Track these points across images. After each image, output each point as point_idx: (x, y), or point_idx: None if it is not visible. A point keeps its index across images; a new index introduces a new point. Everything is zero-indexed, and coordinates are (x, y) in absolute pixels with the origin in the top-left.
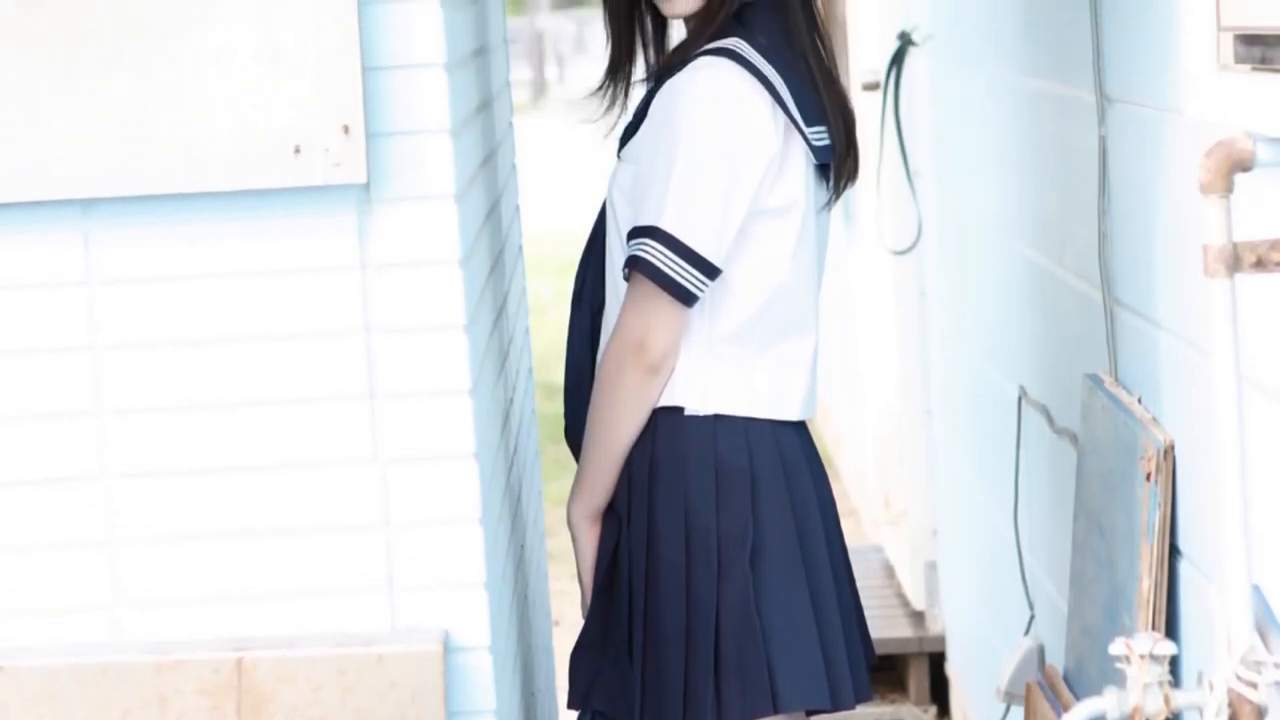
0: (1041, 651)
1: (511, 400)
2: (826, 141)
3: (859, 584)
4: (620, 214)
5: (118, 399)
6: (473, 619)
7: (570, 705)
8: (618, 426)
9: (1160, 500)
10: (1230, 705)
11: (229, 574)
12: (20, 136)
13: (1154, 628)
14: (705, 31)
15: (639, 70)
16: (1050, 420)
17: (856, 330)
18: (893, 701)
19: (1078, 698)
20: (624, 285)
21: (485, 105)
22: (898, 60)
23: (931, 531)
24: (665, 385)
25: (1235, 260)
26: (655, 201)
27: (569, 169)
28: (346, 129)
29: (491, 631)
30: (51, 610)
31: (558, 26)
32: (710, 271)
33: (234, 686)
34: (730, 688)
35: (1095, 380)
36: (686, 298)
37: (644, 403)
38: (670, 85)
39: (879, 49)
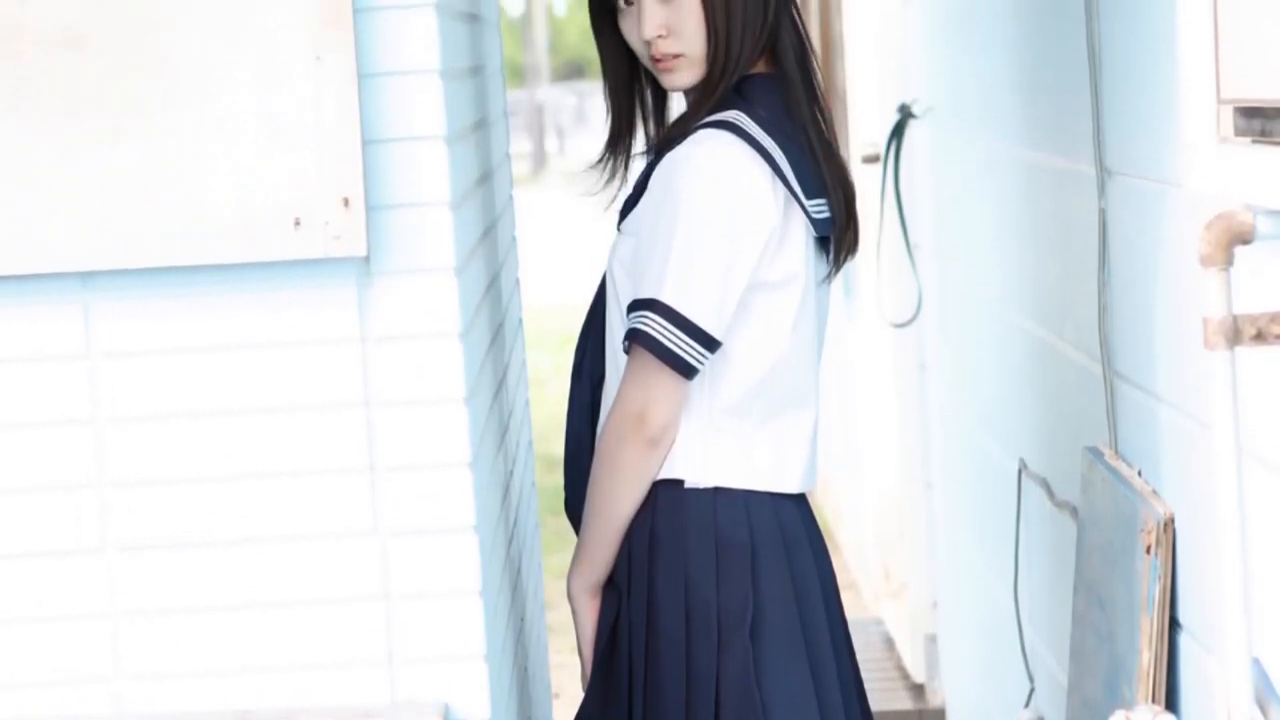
0: None
1: (511, 473)
2: (827, 214)
3: (859, 657)
4: (620, 287)
5: (118, 472)
6: (473, 692)
7: None
8: (618, 499)
9: (1160, 573)
10: None
11: (229, 646)
12: (20, 209)
13: (1154, 700)
14: (705, 104)
15: (639, 143)
16: (1050, 493)
17: (856, 403)
18: None
19: None
20: (624, 358)
21: (485, 178)
22: (898, 133)
23: (931, 604)
24: (665, 458)
25: (1235, 333)
26: (655, 274)
27: (569, 242)
28: (346, 202)
29: (491, 704)
30: (53, 683)
31: (558, 99)
32: (710, 344)
33: None
34: None
35: (1095, 453)
36: (687, 370)
37: (644, 475)
38: (670, 158)
39: (879, 121)
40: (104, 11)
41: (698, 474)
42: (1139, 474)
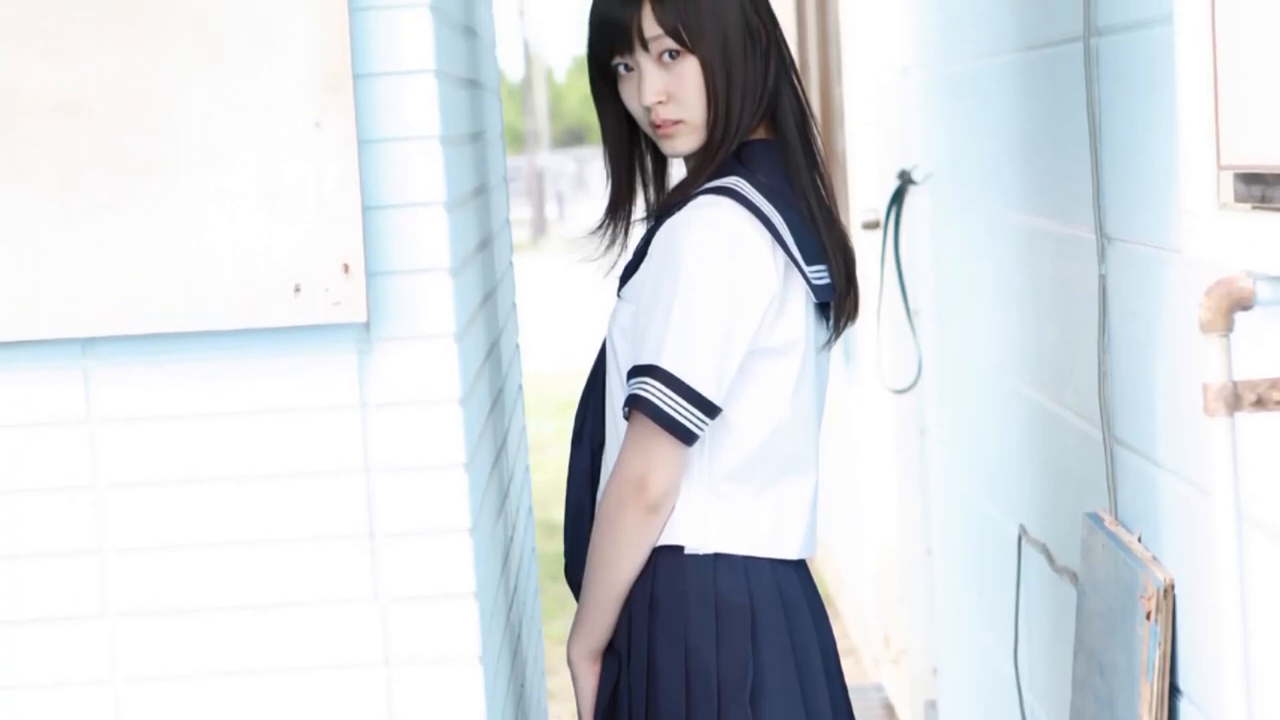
0: None
1: (511, 538)
2: (827, 280)
3: None
4: (620, 353)
5: (119, 537)
6: None
7: None
8: (618, 565)
9: (1160, 639)
10: None
11: (229, 713)
12: (21, 275)
13: None
14: (705, 170)
15: (639, 209)
16: (1050, 559)
17: (856, 469)
18: None
19: None
20: (624, 424)
21: (485, 244)
22: (898, 199)
23: (931, 670)
24: (665, 524)
25: (1235, 399)
26: (655, 340)
27: (569, 308)
28: (346, 268)
29: None
30: None
31: (558, 165)
32: (710, 410)
33: None
34: None
35: (1095, 519)
36: (687, 437)
37: (644, 541)
38: (670, 224)
39: (879, 187)
40: (103, 78)
41: (698, 540)
42: (1139, 540)
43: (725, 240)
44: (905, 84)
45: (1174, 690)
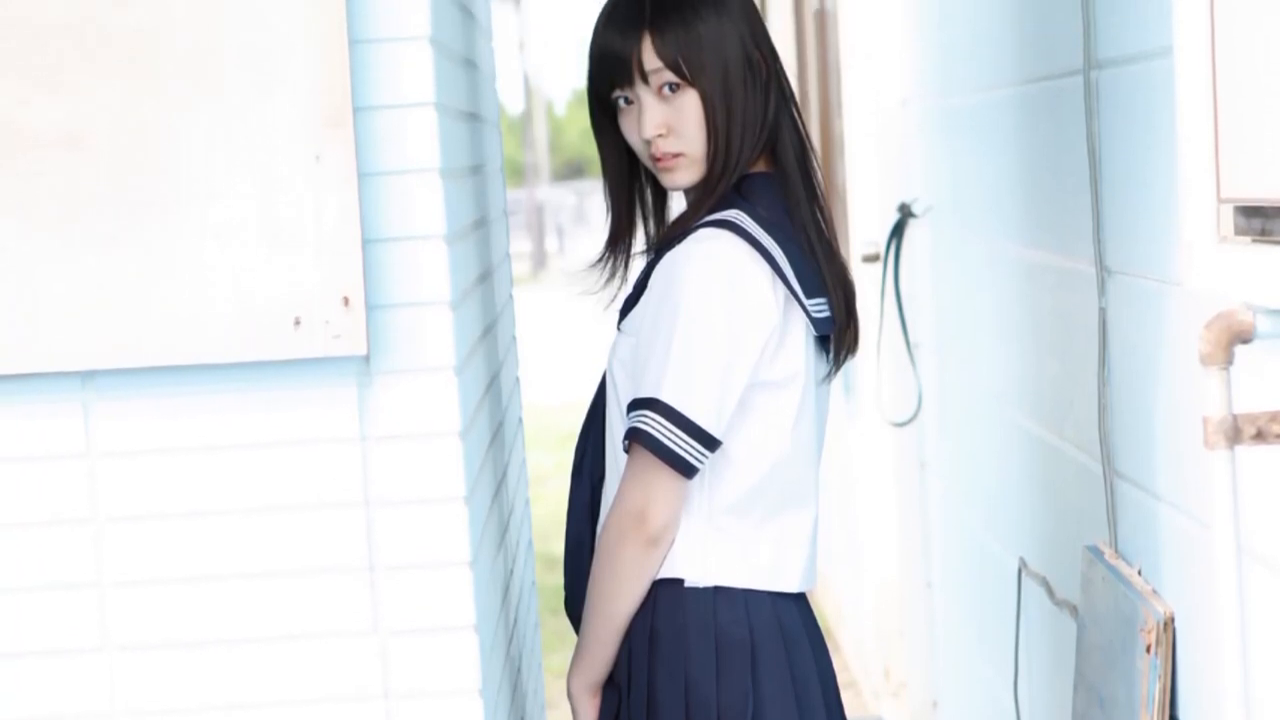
0: None
1: (511, 572)
2: (827, 313)
3: None
4: (620, 386)
5: (118, 571)
6: None
7: None
8: (618, 598)
9: (1160, 672)
10: None
11: None
12: (20, 309)
13: None
14: (705, 203)
15: (639, 242)
16: (1050, 592)
17: (856, 501)
18: None
19: None
20: (624, 457)
21: (485, 277)
22: (898, 232)
23: (932, 703)
24: (665, 557)
25: (1235, 432)
26: (655, 373)
27: (569, 341)
28: (346, 301)
29: None
30: None
31: (558, 198)
32: (710, 443)
33: None
34: None
35: (1095, 552)
36: (687, 470)
37: (644, 574)
38: (670, 257)
39: (879, 220)
40: (104, 113)
41: (698, 573)
42: (1139, 573)
43: (725, 273)
44: (905, 117)
45: None
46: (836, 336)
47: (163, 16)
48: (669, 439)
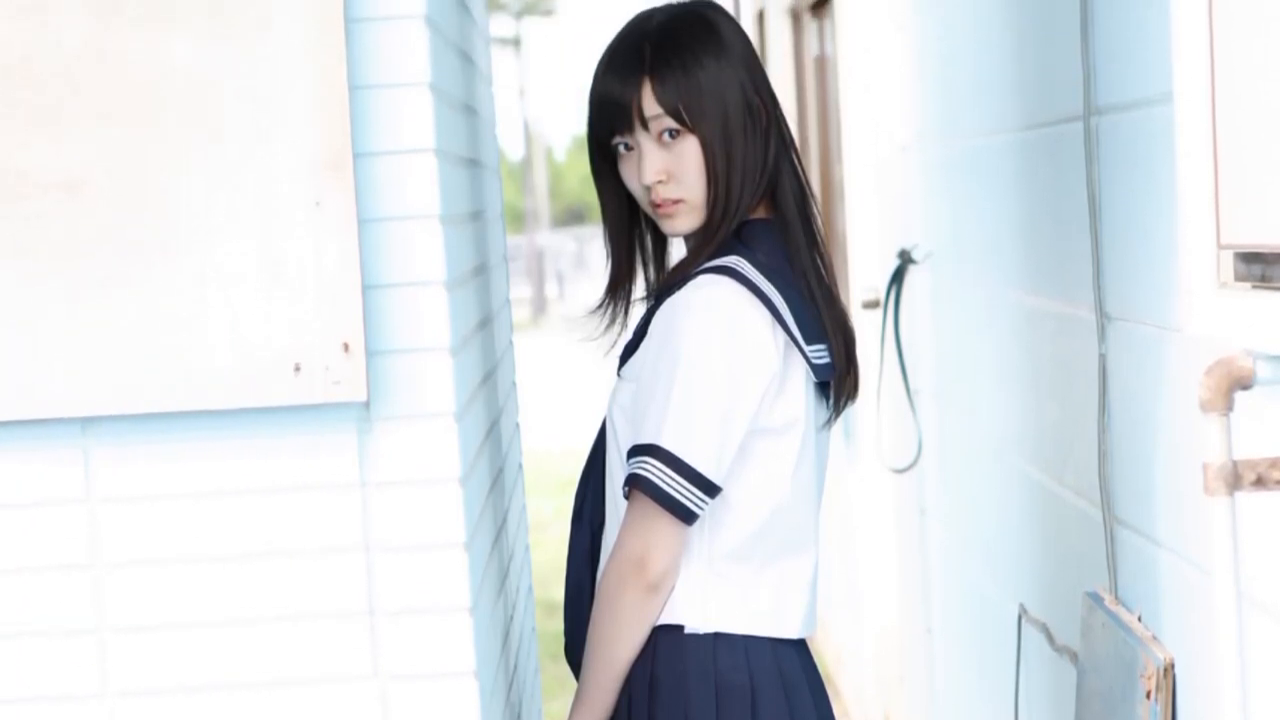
0: None
1: (511, 618)
2: (827, 360)
3: None
4: (620, 432)
5: (119, 617)
6: None
7: None
8: (618, 644)
9: (1160, 718)
10: None
11: None
12: (20, 354)
13: None
14: (705, 249)
15: (639, 288)
16: (1050, 638)
17: (856, 548)
18: None
19: None
20: (624, 503)
21: (485, 323)
22: (898, 278)
23: None
24: (665, 603)
25: (1235, 478)
26: (655, 419)
27: (569, 387)
28: (346, 347)
29: None
30: None
31: (558, 244)
32: (710, 490)
33: None
34: None
35: (1095, 598)
36: (687, 516)
37: (644, 621)
38: (670, 303)
39: (879, 266)
40: (104, 157)
41: (698, 619)
42: (1139, 619)
43: (725, 319)
44: (905, 163)
45: None
46: (836, 383)
47: (163, 62)
48: (669, 485)
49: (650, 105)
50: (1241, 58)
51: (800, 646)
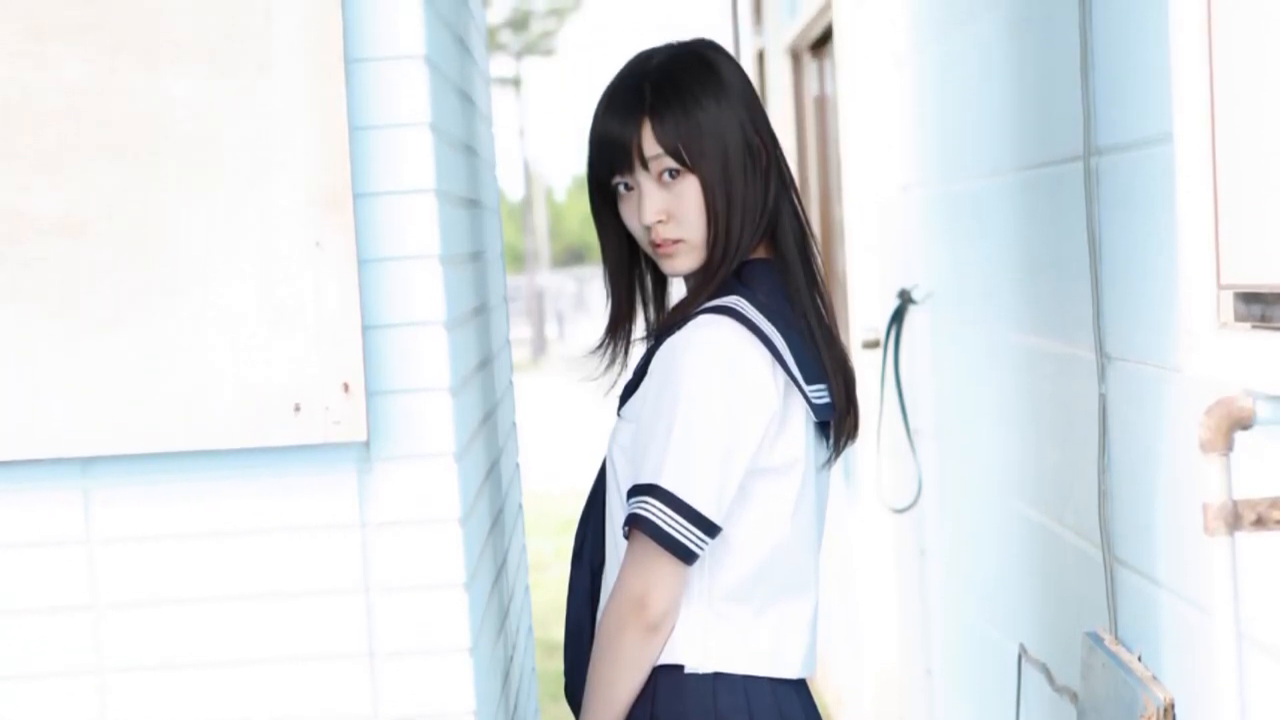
0: None
1: (511, 658)
2: (827, 400)
3: None
4: (620, 472)
5: (119, 658)
6: None
7: None
8: (617, 684)
9: None
10: None
11: None
12: (20, 394)
13: None
14: (705, 289)
15: (639, 328)
16: (1050, 678)
17: (856, 588)
18: None
19: None
20: (624, 543)
21: (485, 363)
22: (898, 318)
23: None
24: (665, 643)
25: (1235, 518)
26: (655, 459)
27: (569, 427)
28: (346, 387)
29: None
30: None
31: (558, 284)
32: (710, 530)
33: None
34: None
35: (1095, 638)
36: (687, 556)
37: (644, 661)
38: (670, 343)
39: (879, 307)
40: (104, 199)
41: (698, 659)
42: (1139, 659)
43: (725, 359)
44: (905, 203)
45: None
46: (837, 423)
47: (163, 102)
48: (669, 525)
49: (650, 145)
50: (1241, 98)
51: (800, 687)
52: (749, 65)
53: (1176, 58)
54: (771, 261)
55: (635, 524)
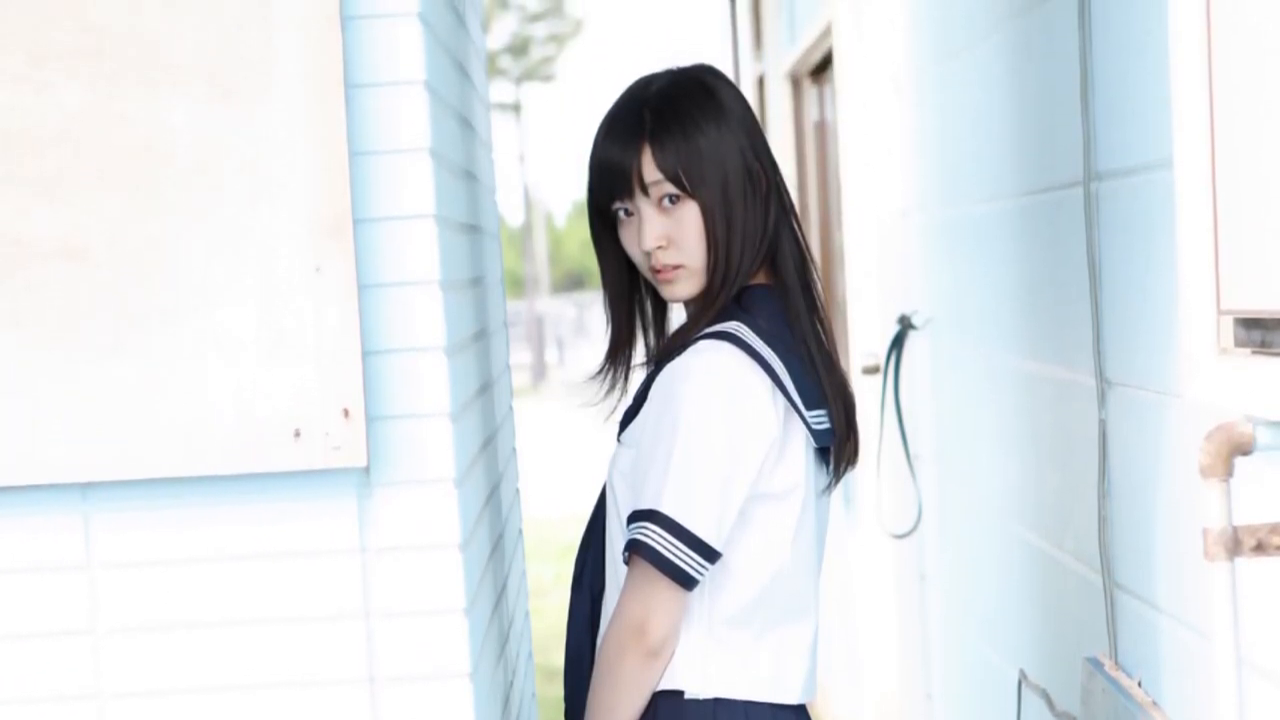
0: None
1: (511, 684)
2: (827, 425)
3: None
4: (620, 497)
5: (118, 683)
6: None
7: None
8: (617, 710)
9: None
10: None
11: None
12: (21, 421)
13: None
14: (705, 315)
15: (639, 353)
16: (1050, 703)
17: (857, 613)
18: None
19: None
20: (624, 569)
21: (485, 388)
22: (898, 343)
23: None
24: (665, 669)
25: (1235, 544)
26: (655, 485)
27: (569, 453)
28: (346, 412)
29: None
30: None
31: (558, 310)
32: (710, 555)
33: None
34: None
35: (1095, 663)
36: (687, 581)
37: (644, 686)
38: (670, 368)
39: (879, 332)
40: (104, 224)
41: (698, 685)
42: (1139, 684)
43: (725, 385)
44: (905, 228)
45: None
46: (836, 448)
47: (163, 128)
48: (669, 551)
49: (650, 171)
50: (1241, 123)
51: (800, 712)
52: (749, 91)
53: (1177, 83)
54: (771, 287)
55: (635, 549)
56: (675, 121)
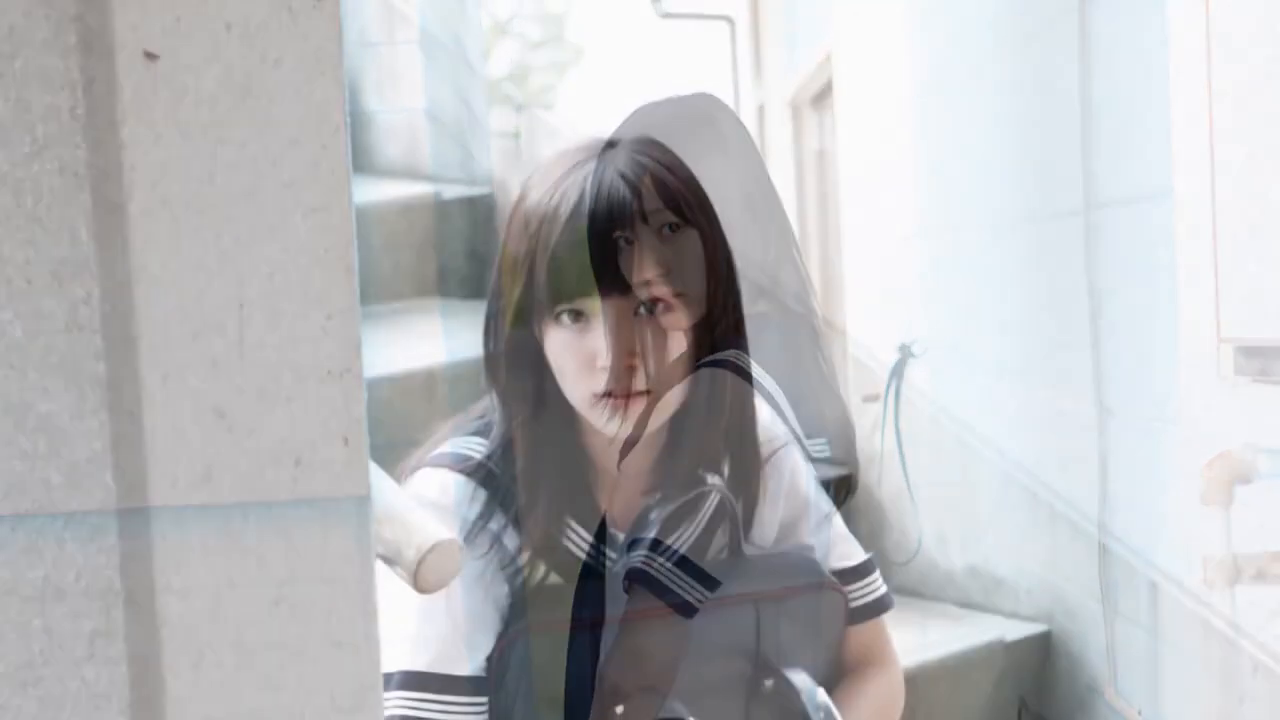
0: None
1: None
2: (827, 454)
3: None
4: None
5: (110, 713)
6: None
7: None
8: None
9: None
10: None
11: None
12: (14, 450)
13: None
14: (705, 343)
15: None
16: None
17: None
18: None
19: None
20: (623, 598)
21: None
22: (898, 372)
23: None
24: None
25: (1235, 572)
26: (656, 513)
27: None
28: (346, 440)
29: None
30: None
31: None
32: (711, 585)
33: None
34: None
35: (1096, 692)
36: (687, 610)
37: None
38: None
39: (879, 361)
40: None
41: None
42: (1139, 713)
43: None
44: (906, 256)
45: None
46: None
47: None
48: (670, 580)
49: (650, 200)
50: (1240, 153)
51: None
52: (749, 119)
53: (1177, 115)
54: (771, 315)
55: (634, 578)
56: (675, 149)
